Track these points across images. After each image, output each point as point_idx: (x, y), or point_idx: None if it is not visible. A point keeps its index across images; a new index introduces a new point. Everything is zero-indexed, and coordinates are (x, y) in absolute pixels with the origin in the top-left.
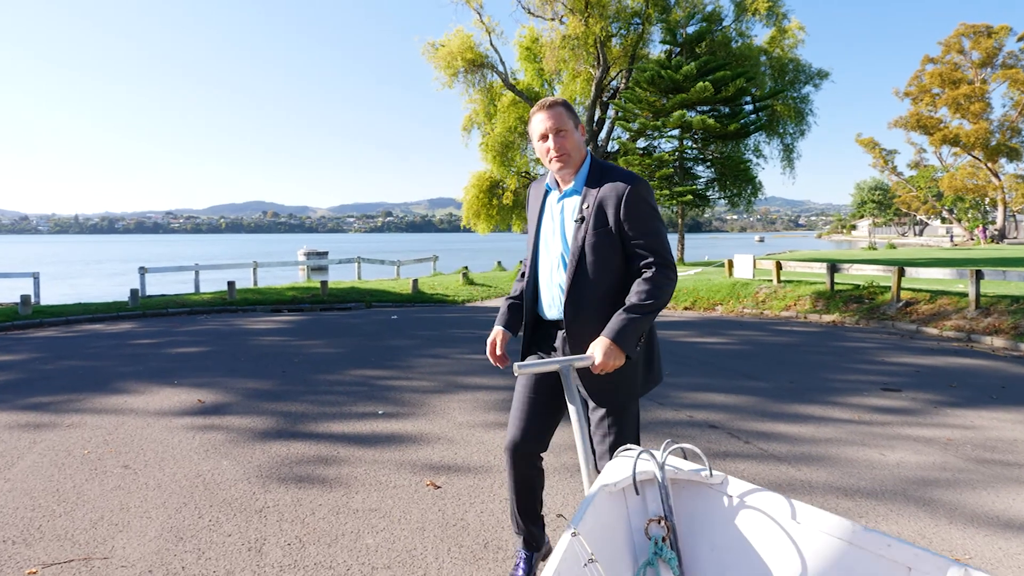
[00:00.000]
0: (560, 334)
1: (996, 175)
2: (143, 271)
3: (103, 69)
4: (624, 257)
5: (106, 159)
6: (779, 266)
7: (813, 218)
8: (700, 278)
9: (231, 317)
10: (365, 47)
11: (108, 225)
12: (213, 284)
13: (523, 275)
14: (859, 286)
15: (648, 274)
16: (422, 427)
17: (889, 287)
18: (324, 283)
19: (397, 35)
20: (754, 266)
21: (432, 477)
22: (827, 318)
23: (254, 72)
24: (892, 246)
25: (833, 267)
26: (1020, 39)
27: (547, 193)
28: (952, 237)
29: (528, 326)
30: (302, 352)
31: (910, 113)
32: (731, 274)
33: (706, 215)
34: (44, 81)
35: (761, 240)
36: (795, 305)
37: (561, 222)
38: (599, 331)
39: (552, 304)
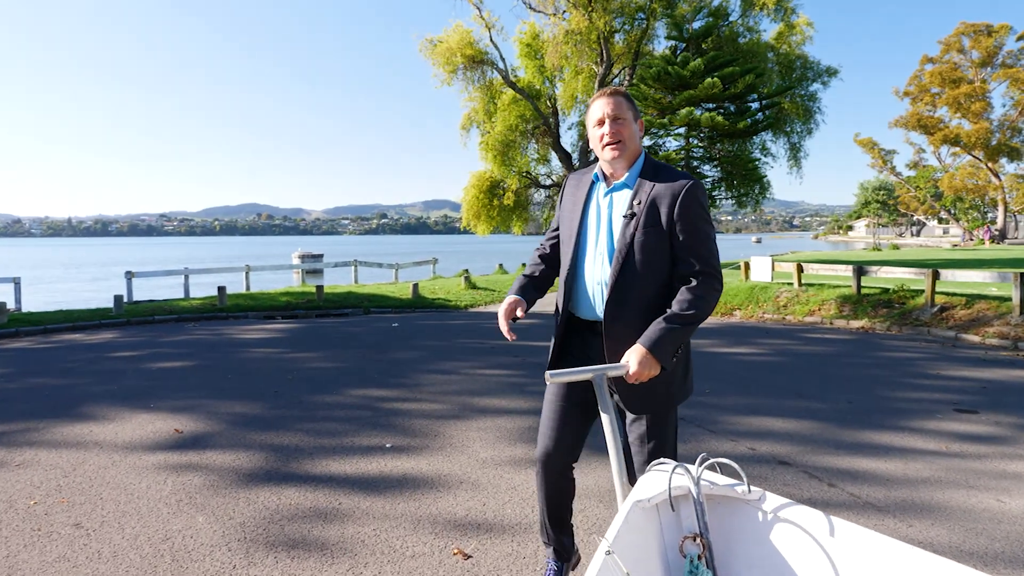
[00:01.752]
0: (596, 339)
1: (996, 175)
2: (130, 276)
3: (98, 71)
4: (672, 260)
5: (100, 162)
6: (800, 268)
7: (807, 219)
8: None
9: (221, 325)
10: (359, 49)
11: (101, 228)
12: (204, 289)
13: (541, 257)
14: (888, 290)
15: (694, 283)
16: (439, 466)
17: (920, 291)
18: (320, 288)
19: (392, 37)
20: (772, 268)
21: (459, 542)
22: (855, 324)
23: (249, 74)
24: (895, 247)
25: (860, 270)
26: (1020, 38)
27: (593, 184)
28: (964, 237)
29: (560, 326)
30: (297, 367)
31: (911, 113)
32: (747, 277)
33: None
34: (38, 83)
35: (758, 241)
36: (819, 310)
37: (609, 217)
38: (638, 335)
39: (593, 303)
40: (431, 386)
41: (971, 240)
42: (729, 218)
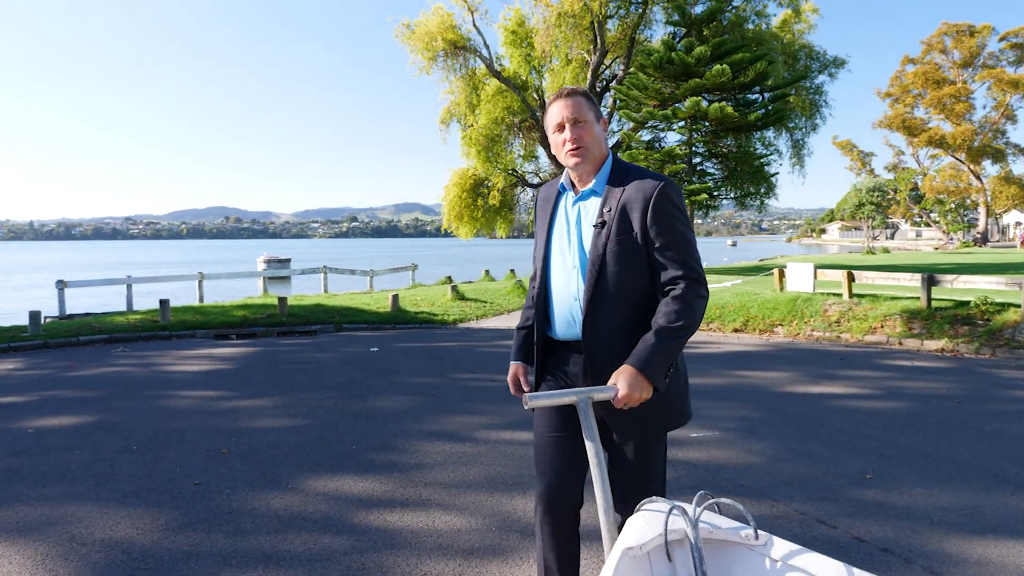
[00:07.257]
0: (576, 358)
1: (978, 177)
2: (62, 285)
3: (61, 71)
4: (650, 269)
5: (63, 164)
6: (851, 277)
7: (775, 222)
8: (743, 291)
9: (158, 348)
10: (329, 51)
11: (65, 231)
12: (153, 299)
13: (533, 297)
14: (967, 303)
15: (677, 291)
16: None
17: (1006, 304)
18: (283, 300)
19: (363, 37)
20: (815, 277)
21: None
22: (931, 345)
23: (216, 76)
24: (886, 250)
25: (930, 279)
26: (1002, 39)
27: (560, 195)
28: (952, 239)
29: (539, 350)
30: (237, 427)
31: (894, 114)
32: (782, 287)
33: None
34: None
35: (734, 244)
36: (882, 327)
37: (578, 227)
38: (621, 352)
39: (569, 321)
40: (438, 468)
41: (951, 243)
42: (699, 222)
